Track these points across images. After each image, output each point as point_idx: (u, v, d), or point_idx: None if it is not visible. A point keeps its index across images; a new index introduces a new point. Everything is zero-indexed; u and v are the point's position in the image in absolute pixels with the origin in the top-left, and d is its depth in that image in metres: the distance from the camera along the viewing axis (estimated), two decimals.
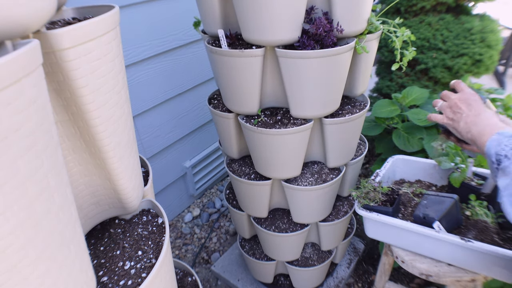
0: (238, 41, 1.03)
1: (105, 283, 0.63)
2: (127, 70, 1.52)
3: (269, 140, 1.04)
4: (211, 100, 1.27)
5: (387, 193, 1.04)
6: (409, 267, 0.98)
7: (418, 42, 1.78)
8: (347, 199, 1.42)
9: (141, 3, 1.48)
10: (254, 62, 0.94)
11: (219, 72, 1.04)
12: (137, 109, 1.62)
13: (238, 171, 1.27)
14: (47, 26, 0.57)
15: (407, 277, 1.62)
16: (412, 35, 0.97)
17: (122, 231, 0.75)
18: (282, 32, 0.88)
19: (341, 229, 1.38)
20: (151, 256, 0.68)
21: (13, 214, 0.35)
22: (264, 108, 1.13)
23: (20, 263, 0.38)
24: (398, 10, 1.89)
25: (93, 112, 0.54)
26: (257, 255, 1.49)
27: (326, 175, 1.20)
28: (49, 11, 0.42)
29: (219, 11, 0.98)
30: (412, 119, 1.52)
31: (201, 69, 1.89)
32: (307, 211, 1.23)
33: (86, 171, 0.63)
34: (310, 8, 0.91)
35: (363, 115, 1.13)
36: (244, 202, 1.32)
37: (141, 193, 0.76)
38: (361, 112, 1.10)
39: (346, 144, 1.15)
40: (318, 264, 1.40)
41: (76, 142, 0.59)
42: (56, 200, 0.42)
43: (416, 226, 0.91)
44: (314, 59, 0.88)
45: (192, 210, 2.13)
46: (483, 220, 0.95)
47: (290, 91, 0.98)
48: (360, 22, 0.95)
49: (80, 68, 0.49)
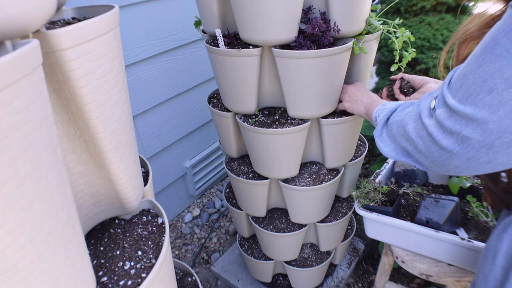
0: (236, 40, 1.03)
1: (105, 283, 0.63)
2: (127, 70, 1.52)
3: (266, 140, 1.04)
4: (211, 99, 1.27)
5: (387, 193, 1.05)
6: (409, 267, 0.98)
7: (418, 42, 1.78)
8: (347, 200, 1.42)
9: (141, 3, 1.48)
10: (251, 62, 0.94)
11: (217, 71, 1.04)
12: (137, 109, 1.62)
13: (237, 170, 1.28)
14: (47, 26, 0.57)
15: (407, 277, 1.62)
16: (411, 36, 0.97)
17: (122, 231, 0.75)
18: (278, 32, 0.88)
19: (340, 230, 1.38)
20: (151, 256, 0.68)
21: (13, 214, 0.35)
22: (262, 108, 1.13)
23: (20, 263, 0.38)
24: (398, 10, 1.89)
25: (93, 112, 0.54)
26: (255, 254, 1.49)
27: (324, 175, 1.20)
28: (49, 11, 0.42)
29: (217, 10, 0.98)
30: None
31: (201, 69, 1.89)
32: (304, 212, 1.23)
33: (86, 171, 0.63)
34: (307, 8, 0.91)
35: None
36: (242, 201, 1.32)
37: (141, 193, 0.76)
38: None
39: (344, 145, 1.15)
40: (317, 265, 1.40)
41: (76, 142, 0.59)
42: (56, 200, 0.42)
43: (416, 226, 0.91)
44: (310, 59, 0.88)
45: (192, 210, 2.13)
46: (483, 220, 0.95)
47: (287, 91, 0.98)
48: (358, 22, 0.95)
49: (80, 68, 0.49)
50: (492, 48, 0.40)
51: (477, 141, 0.44)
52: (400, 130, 0.60)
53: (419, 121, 0.54)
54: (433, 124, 0.50)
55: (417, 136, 0.54)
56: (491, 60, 0.40)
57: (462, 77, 0.45)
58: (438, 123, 0.49)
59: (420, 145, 0.54)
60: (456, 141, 0.46)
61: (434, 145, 0.51)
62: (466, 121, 0.44)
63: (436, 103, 0.50)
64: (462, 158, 0.47)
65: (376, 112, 0.79)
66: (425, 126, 0.52)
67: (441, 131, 0.48)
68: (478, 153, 0.45)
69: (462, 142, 0.46)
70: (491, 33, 0.41)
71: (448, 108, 0.47)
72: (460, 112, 0.44)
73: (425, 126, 0.52)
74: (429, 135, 0.51)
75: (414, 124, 0.55)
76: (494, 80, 0.40)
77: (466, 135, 0.44)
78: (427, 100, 0.54)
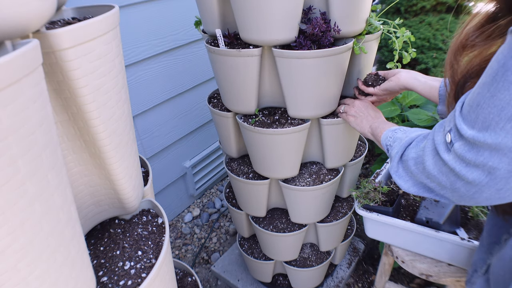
0: (237, 40, 1.03)
1: (105, 283, 0.63)
2: (127, 70, 1.52)
3: (266, 140, 1.04)
4: (211, 99, 1.27)
5: (387, 193, 1.04)
6: (409, 267, 0.98)
7: (418, 42, 1.78)
8: (347, 200, 1.42)
9: (141, 3, 1.48)
10: (251, 62, 0.94)
11: (217, 71, 1.04)
12: (137, 109, 1.62)
13: (237, 170, 1.28)
14: (47, 26, 0.57)
15: (407, 277, 1.62)
16: (412, 36, 0.97)
17: (122, 231, 0.75)
18: (278, 32, 0.88)
19: (340, 230, 1.38)
20: (151, 256, 0.68)
21: (13, 214, 0.35)
22: (262, 108, 1.13)
23: (20, 264, 0.38)
24: (398, 10, 1.89)
25: (93, 112, 0.54)
26: (255, 254, 1.49)
27: (324, 175, 1.20)
28: (49, 11, 0.42)
29: (217, 10, 0.98)
30: (412, 119, 1.52)
31: (201, 69, 1.89)
32: (304, 212, 1.23)
33: (86, 171, 0.63)
34: (308, 8, 0.91)
35: None
36: (242, 201, 1.32)
37: (141, 193, 0.76)
38: None
39: (344, 145, 1.15)
40: (317, 265, 1.40)
41: (76, 142, 0.59)
42: (56, 200, 0.42)
43: (416, 226, 0.91)
44: (310, 59, 0.88)
45: (192, 210, 2.13)
46: (483, 220, 0.95)
47: (287, 91, 0.98)
48: (358, 22, 0.95)
49: (80, 68, 0.49)
50: (503, 76, 0.40)
51: (506, 171, 0.42)
52: (419, 167, 0.57)
53: (437, 156, 0.52)
54: (454, 159, 0.48)
55: (439, 172, 0.52)
56: (505, 88, 0.40)
57: (476, 108, 0.44)
58: (459, 158, 0.47)
59: (443, 181, 0.52)
60: (483, 173, 0.45)
61: (459, 180, 0.49)
62: (489, 152, 0.43)
63: (452, 137, 0.48)
64: (492, 189, 0.45)
65: (385, 139, 0.77)
66: (445, 162, 0.50)
67: (464, 165, 0.47)
68: (508, 183, 0.43)
69: (489, 173, 0.44)
70: (498, 60, 0.41)
71: (466, 140, 0.45)
72: (481, 143, 0.43)
73: (445, 162, 0.50)
74: (451, 171, 0.49)
75: (433, 160, 0.53)
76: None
77: (493, 165, 0.43)
78: (440, 134, 0.52)
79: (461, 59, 0.57)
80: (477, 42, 0.54)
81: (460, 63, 0.57)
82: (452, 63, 0.59)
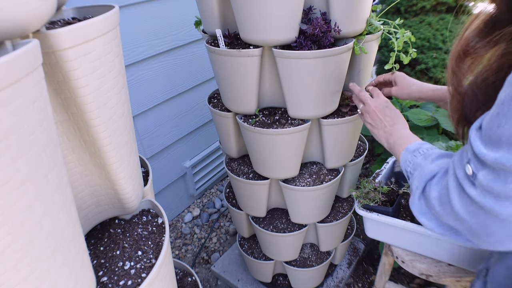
0: (237, 40, 1.03)
1: (105, 283, 0.63)
2: (127, 70, 1.52)
3: (266, 140, 1.04)
4: (211, 99, 1.27)
5: (387, 193, 1.04)
6: (409, 267, 0.98)
7: (418, 42, 1.78)
8: (347, 200, 1.42)
9: (141, 3, 1.48)
10: (252, 62, 0.94)
11: (217, 71, 1.04)
12: (137, 109, 1.62)
13: (237, 170, 1.27)
14: (47, 26, 0.57)
15: (407, 277, 1.62)
16: (412, 36, 0.97)
17: (122, 231, 0.75)
18: (278, 32, 0.88)
19: (340, 231, 1.38)
20: (151, 256, 0.68)
21: (13, 214, 0.35)
22: (263, 108, 1.13)
23: (20, 263, 0.38)
24: (398, 10, 1.89)
25: (93, 112, 0.54)
26: (255, 254, 1.49)
27: (325, 176, 1.20)
28: (49, 11, 0.42)
29: (217, 10, 0.98)
30: (412, 119, 1.52)
31: (201, 69, 1.89)
32: (304, 212, 1.23)
33: (86, 171, 0.63)
34: (308, 8, 0.91)
35: None
36: (242, 201, 1.32)
37: (141, 193, 0.76)
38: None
39: (345, 145, 1.15)
40: (317, 265, 1.40)
41: (76, 142, 0.59)
42: (56, 200, 0.42)
43: (416, 226, 0.91)
44: (310, 59, 0.88)
45: (192, 210, 2.13)
46: None
47: (287, 91, 0.98)
48: (359, 22, 0.95)
49: (80, 68, 0.49)
50: None
51: None
52: (446, 208, 0.51)
53: (463, 193, 0.46)
54: (481, 193, 0.42)
55: (468, 214, 0.46)
56: None
57: (496, 129, 0.39)
58: (486, 190, 0.41)
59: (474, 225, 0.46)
60: None
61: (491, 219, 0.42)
62: None
63: (473, 168, 0.43)
64: None
65: (404, 162, 0.68)
66: (472, 198, 0.44)
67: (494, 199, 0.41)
68: None
69: None
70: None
71: (490, 167, 0.40)
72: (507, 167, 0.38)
73: (472, 199, 0.44)
74: (481, 209, 0.43)
75: (459, 198, 0.47)
76: None
77: None
78: (460, 168, 0.47)
79: (463, 66, 0.54)
80: (479, 47, 0.50)
81: (463, 71, 0.54)
82: (454, 70, 0.55)
